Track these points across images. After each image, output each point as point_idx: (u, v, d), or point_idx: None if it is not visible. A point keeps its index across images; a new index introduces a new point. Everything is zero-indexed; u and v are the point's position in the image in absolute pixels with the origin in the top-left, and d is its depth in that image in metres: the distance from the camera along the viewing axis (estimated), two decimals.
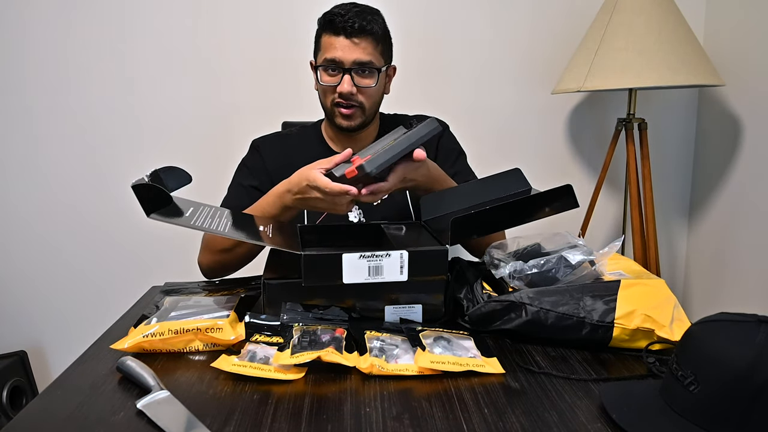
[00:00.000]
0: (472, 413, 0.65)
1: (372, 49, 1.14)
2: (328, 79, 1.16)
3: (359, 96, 1.16)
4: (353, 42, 1.12)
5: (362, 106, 1.17)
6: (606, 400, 0.65)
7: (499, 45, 1.95)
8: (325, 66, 1.15)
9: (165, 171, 0.91)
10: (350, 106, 1.16)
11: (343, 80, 1.13)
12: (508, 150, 2.02)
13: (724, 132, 1.89)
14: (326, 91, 1.18)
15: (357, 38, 1.12)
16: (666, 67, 1.57)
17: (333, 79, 1.15)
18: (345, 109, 1.17)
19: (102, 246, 1.98)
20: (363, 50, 1.13)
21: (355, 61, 1.13)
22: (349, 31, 1.12)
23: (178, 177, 0.94)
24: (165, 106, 1.91)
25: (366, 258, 0.83)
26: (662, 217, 2.07)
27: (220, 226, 0.87)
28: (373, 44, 1.14)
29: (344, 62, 1.13)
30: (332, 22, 1.13)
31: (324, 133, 1.31)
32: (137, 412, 0.65)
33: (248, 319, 0.86)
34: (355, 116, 1.18)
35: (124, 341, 0.80)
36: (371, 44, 1.14)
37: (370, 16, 1.14)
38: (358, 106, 1.17)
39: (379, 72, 1.16)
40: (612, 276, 0.89)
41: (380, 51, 1.17)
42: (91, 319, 1.99)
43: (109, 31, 1.85)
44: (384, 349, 0.78)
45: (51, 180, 1.93)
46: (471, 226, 0.89)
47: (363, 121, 1.20)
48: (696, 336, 0.61)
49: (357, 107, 1.17)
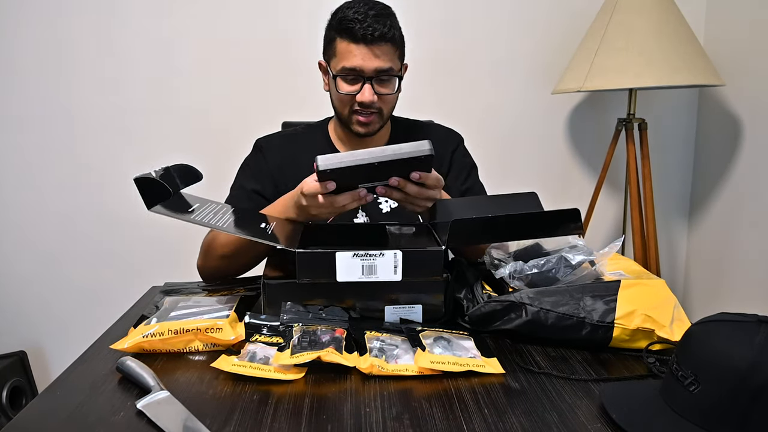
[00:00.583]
0: (472, 413, 0.65)
1: (392, 56, 1.10)
2: (347, 88, 1.12)
3: (378, 103, 1.13)
4: (373, 51, 1.08)
5: (380, 113, 1.15)
6: (606, 400, 0.65)
7: (499, 45, 1.95)
8: (343, 75, 1.11)
9: (176, 168, 0.92)
10: (369, 114, 1.13)
11: (364, 89, 1.10)
12: (509, 150, 2.02)
13: (724, 132, 1.89)
14: (344, 100, 1.13)
15: (377, 45, 1.07)
16: (666, 67, 1.57)
17: (353, 88, 1.11)
18: (363, 117, 1.13)
19: (102, 246, 1.98)
20: (383, 58, 1.08)
21: (376, 69, 1.08)
22: (369, 39, 1.06)
23: (188, 174, 0.95)
24: (164, 107, 1.91)
25: (359, 257, 0.84)
26: (662, 217, 2.07)
27: (220, 222, 0.87)
28: (392, 50, 1.10)
29: (365, 71, 1.08)
30: (351, 29, 1.07)
31: (332, 133, 1.28)
32: (137, 412, 0.65)
33: (248, 319, 0.86)
34: (373, 123, 1.15)
35: (124, 341, 0.80)
36: (391, 50, 1.10)
37: (388, 19, 1.09)
38: (377, 113, 1.14)
39: (399, 78, 1.13)
40: (612, 276, 0.89)
41: (398, 55, 1.13)
42: (91, 319, 1.99)
43: (107, 32, 1.85)
44: (384, 350, 0.78)
45: (51, 180, 1.92)
46: (471, 232, 0.89)
47: (380, 127, 1.18)
48: (696, 336, 0.61)
49: (376, 114, 1.14)
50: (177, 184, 0.91)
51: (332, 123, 1.28)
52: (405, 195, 0.91)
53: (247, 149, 1.30)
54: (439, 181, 0.92)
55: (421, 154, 0.84)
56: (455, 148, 1.29)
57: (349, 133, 1.21)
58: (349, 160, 0.84)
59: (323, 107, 1.30)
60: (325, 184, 0.86)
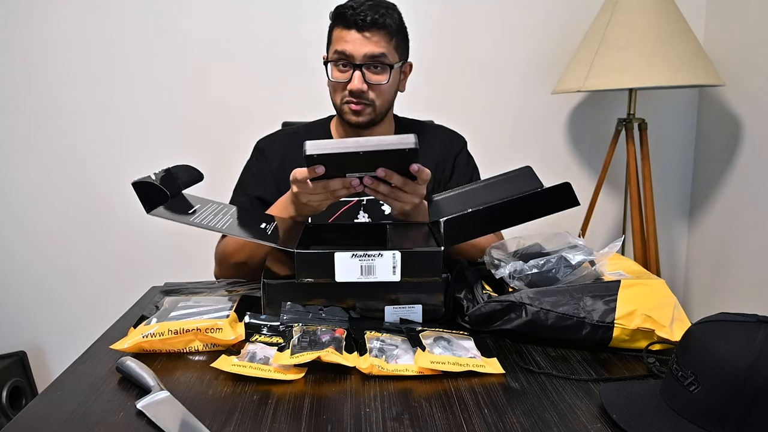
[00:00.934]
0: (472, 413, 0.65)
1: (385, 43, 1.09)
2: (338, 75, 1.12)
3: (370, 93, 1.12)
4: (365, 36, 1.08)
5: (373, 104, 1.13)
6: (606, 400, 0.65)
7: (499, 45, 1.95)
8: (335, 60, 1.11)
9: (177, 168, 0.92)
10: (360, 103, 1.12)
11: (354, 77, 1.09)
12: (509, 150, 2.02)
13: (724, 132, 1.89)
14: (336, 88, 1.14)
15: (369, 32, 1.08)
16: (666, 67, 1.57)
17: (343, 75, 1.11)
18: (355, 105, 1.12)
19: (102, 246, 1.98)
20: (375, 44, 1.08)
21: (366, 54, 1.08)
22: (361, 24, 1.07)
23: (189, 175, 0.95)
24: (164, 107, 1.91)
25: (358, 257, 0.84)
26: (662, 217, 2.07)
27: (220, 224, 0.87)
28: (386, 38, 1.09)
29: (355, 56, 1.08)
30: (343, 15, 1.08)
31: (333, 130, 1.27)
32: (137, 412, 0.65)
33: (248, 320, 0.86)
34: (365, 112, 1.14)
35: (124, 341, 0.80)
36: (384, 38, 1.09)
37: (384, 9, 1.09)
38: (370, 105, 1.13)
39: (391, 68, 1.11)
40: (612, 276, 0.89)
41: (394, 45, 1.12)
42: (90, 319, 1.99)
43: (106, 31, 1.85)
44: (384, 350, 0.78)
45: (50, 180, 1.92)
46: (466, 227, 0.89)
47: (373, 118, 1.16)
48: (696, 336, 0.61)
49: (368, 105, 1.13)
50: (178, 185, 0.91)
51: (335, 120, 1.28)
52: (391, 189, 0.91)
53: (246, 148, 1.30)
54: (428, 176, 0.92)
55: (405, 147, 0.84)
56: (459, 152, 1.29)
57: (348, 129, 1.20)
58: (335, 146, 0.84)
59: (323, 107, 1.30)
60: (314, 168, 0.86)
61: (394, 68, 1.13)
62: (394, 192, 0.91)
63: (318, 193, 0.91)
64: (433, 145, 1.27)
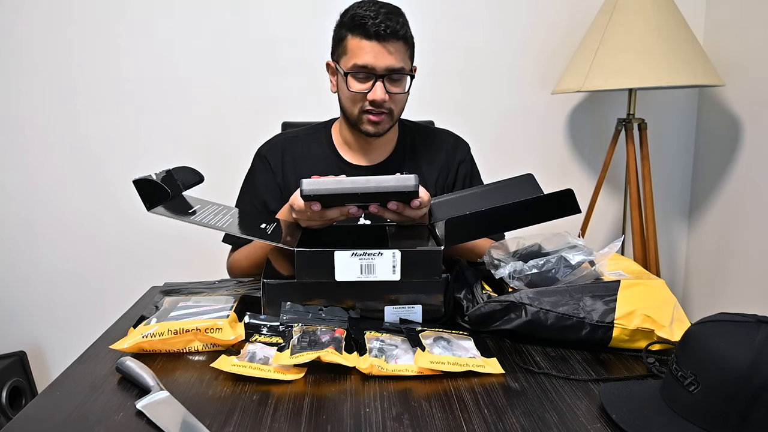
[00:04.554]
0: (472, 413, 0.65)
1: (403, 54, 1.10)
2: (358, 86, 1.10)
3: (389, 103, 1.11)
4: (385, 47, 1.07)
5: (391, 113, 1.13)
6: (606, 400, 0.65)
7: (500, 45, 1.95)
8: (354, 72, 1.09)
9: (177, 170, 0.92)
10: (380, 113, 1.12)
11: (375, 87, 1.08)
12: (508, 150, 2.02)
13: (724, 132, 1.89)
14: (355, 99, 1.12)
15: (389, 43, 1.07)
16: (666, 67, 1.57)
17: (364, 86, 1.10)
18: (374, 116, 1.12)
19: (101, 246, 1.98)
20: (395, 56, 1.08)
21: (388, 67, 1.07)
22: (382, 35, 1.05)
23: (190, 176, 0.96)
24: (164, 107, 1.91)
25: (358, 256, 0.84)
26: (662, 217, 2.07)
27: (220, 223, 0.88)
28: (404, 48, 1.10)
29: (376, 69, 1.07)
30: (363, 25, 1.06)
31: (336, 136, 1.25)
32: (137, 412, 0.65)
33: (248, 320, 0.86)
34: (384, 123, 1.13)
35: (124, 341, 0.80)
36: (402, 48, 1.09)
37: (399, 18, 1.08)
38: (387, 113, 1.13)
39: (411, 78, 1.12)
40: (612, 276, 0.89)
41: (409, 55, 1.12)
42: (90, 319, 1.99)
43: (107, 32, 1.85)
44: (384, 350, 0.78)
45: (50, 180, 1.92)
46: (467, 228, 0.89)
47: (390, 127, 1.16)
48: (696, 336, 0.61)
49: (386, 114, 1.13)
50: (178, 186, 0.91)
51: (337, 125, 1.26)
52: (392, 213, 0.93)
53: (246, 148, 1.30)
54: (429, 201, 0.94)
55: (405, 189, 0.85)
56: (463, 158, 1.29)
57: (356, 135, 1.19)
58: (332, 187, 0.84)
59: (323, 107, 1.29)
60: (310, 204, 0.88)
61: (412, 77, 1.13)
62: (394, 215, 0.93)
63: (316, 220, 0.93)
64: (438, 151, 1.27)
